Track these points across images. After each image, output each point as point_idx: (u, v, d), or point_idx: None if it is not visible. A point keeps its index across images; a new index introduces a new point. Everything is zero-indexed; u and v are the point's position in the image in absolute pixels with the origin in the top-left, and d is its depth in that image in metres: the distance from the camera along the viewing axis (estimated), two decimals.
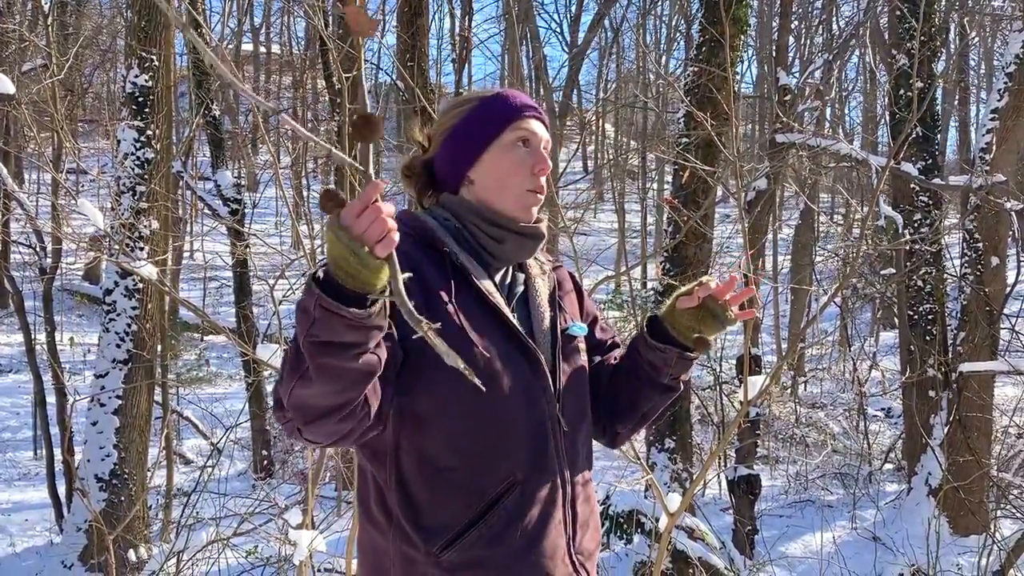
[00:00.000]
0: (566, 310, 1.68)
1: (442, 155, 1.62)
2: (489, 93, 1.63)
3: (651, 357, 1.65)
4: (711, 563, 5.26)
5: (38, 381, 8.20)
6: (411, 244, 1.50)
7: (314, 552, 3.04)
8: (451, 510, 1.46)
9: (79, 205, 3.11)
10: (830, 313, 14.52)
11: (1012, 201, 6.56)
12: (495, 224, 1.56)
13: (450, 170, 1.61)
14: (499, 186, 1.57)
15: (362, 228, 1.16)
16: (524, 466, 1.49)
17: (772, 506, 8.66)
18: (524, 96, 1.63)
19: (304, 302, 1.22)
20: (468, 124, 1.59)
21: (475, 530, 1.46)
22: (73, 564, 6.67)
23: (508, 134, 1.58)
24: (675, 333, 1.64)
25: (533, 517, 1.49)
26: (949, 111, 18.03)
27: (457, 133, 1.59)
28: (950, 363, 7.22)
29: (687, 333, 1.64)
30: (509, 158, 1.57)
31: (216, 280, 16.39)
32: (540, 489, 1.51)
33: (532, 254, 1.63)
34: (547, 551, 1.50)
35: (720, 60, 6.07)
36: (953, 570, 6.12)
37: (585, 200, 14.87)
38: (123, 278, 6.78)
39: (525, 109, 1.60)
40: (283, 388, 1.32)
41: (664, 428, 6.65)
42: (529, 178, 1.58)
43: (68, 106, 11.11)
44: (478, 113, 1.59)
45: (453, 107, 1.64)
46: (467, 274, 1.52)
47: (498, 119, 1.58)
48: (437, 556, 1.46)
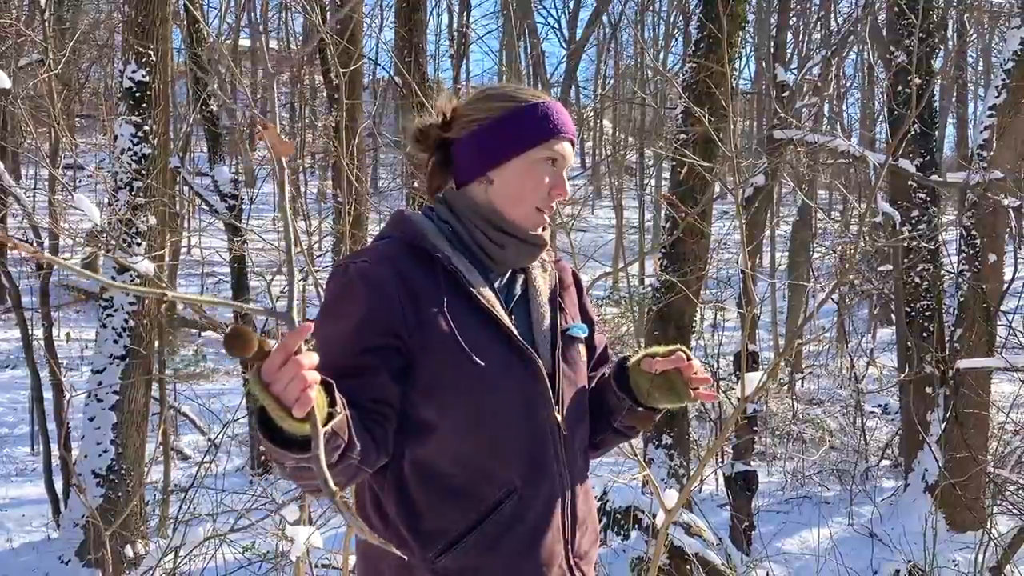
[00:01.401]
0: (567, 309, 1.66)
1: (468, 142, 1.58)
2: (535, 99, 1.58)
3: (610, 398, 1.65)
4: (708, 559, 5.26)
5: (35, 377, 8.19)
6: (401, 250, 1.50)
7: (311, 548, 3.04)
8: (448, 516, 1.46)
9: (76, 201, 3.11)
10: (827, 310, 14.53)
11: (1010, 198, 6.57)
12: (500, 229, 1.55)
13: (472, 160, 1.58)
14: (516, 196, 1.55)
15: (281, 386, 1.12)
16: (522, 473, 1.48)
17: (769, 502, 8.66)
18: (566, 116, 1.60)
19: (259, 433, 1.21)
20: (505, 124, 1.55)
21: (471, 536, 1.45)
22: (70, 560, 6.67)
23: (541, 150, 1.55)
24: (635, 387, 1.62)
25: (530, 524, 1.48)
26: (947, 108, 18.02)
27: (491, 128, 1.56)
28: (947, 360, 7.22)
29: (644, 393, 1.61)
30: (534, 174, 1.55)
31: (214, 276, 16.39)
32: (538, 496, 1.50)
33: (533, 260, 1.62)
34: (544, 558, 1.49)
35: (718, 56, 6.06)
36: (950, 566, 6.13)
37: (583, 196, 14.86)
38: (120, 273, 6.77)
39: (564, 130, 1.57)
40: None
41: (662, 424, 6.65)
42: (545, 198, 1.56)
43: (65, 101, 11.09)
44: (519, 117, 1.55)
45: (494, 99, 1.58)
46: (460, 280, 1.50)
47: (537, 132, 1.55)
48: (432, 562, 1.45)
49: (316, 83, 18.60)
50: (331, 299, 1.49)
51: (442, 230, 1.56)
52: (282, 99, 21.69)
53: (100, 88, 18.79)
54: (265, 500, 5.69)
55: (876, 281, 8.90)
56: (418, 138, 1.62)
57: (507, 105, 1.56)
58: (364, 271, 1.47)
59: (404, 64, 7.17)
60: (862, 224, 4.95)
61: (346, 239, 3.66)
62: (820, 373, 13.91)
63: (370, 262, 1.48)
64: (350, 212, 3.75)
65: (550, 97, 1.62)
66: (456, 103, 1.62)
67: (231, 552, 5.34)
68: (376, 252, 1.51)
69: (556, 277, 1.68)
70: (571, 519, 1.55)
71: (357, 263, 1.49)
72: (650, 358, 1.58)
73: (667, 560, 5.24)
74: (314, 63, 15.81)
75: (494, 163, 1.55)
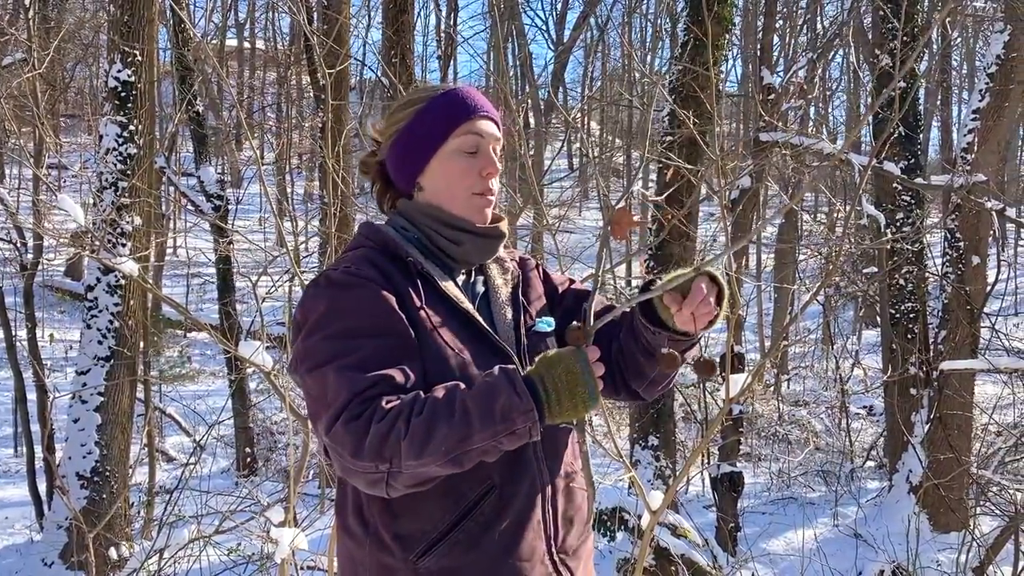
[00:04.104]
0: (531, 307, 1.66)
1: (391, 159, 1.61)
2: (435, 92, 1.58)
3: (647, 337, 1.57)
4: (694, 560, 5.28)
5: (18, 378, 8.14)
6: (377, 254, 1.51)
7: (296, 550, 3.03)
8: (429, 516, 1.45)
9: (60, 201, 3.09)
10: (813, 311, 14.59)
11: (993, 200, 6.61)
12: (451, 226, 1.55)
13: (400, 176, 1.60)
14: (448, 192, 1.56)
15: (597, 376, 1.38)
16: (500, 469, 1.47)
17: (755, 503, 8.70)
18: (472, 95, 1.58)
19: (512, 417, 1.33)
20: (412, 131, 1.56)
21: (452, 536, 1.45)
22: (54, 562, 6.63)
23: (454, 141, 1.55)
24: (665, 318, 1.53)
25: (510, 521, 1.48)
26: (931, 111, 18.14)
27: (403, 139, 1.57)
28: (931, 361, 7.27)
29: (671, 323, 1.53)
30: (455, 165, 1.55)
31: (199, 277, 16.31)
32: (517, 492, 1.49)
33: (493, 254, 1.62)
34: (524, 554, 1.49)
35: (704, 59, 6.08)
36: (933, 566, 6.16)
37: (570, 198, 14.88)
38: (105, 274, 6.73)
39: (472, 111, 1.56)
40: (413, 464, 1.32)
41: (648, 425, 6.67)
42: (477, 181, 1.56)
43: (50, 101, 11.02)
44: (422, 119, 1.56)
45: (400, 109, 1.60)
46: (432, 281, 1.51)
47: (442, 125, 1.55)
48: (415, 563, 1.45)
49: (303, 83, 18.56)
50: (328, 307, 1.44)
51: (407, 237, 1.57)
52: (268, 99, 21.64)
53: (85, 88, 18.69)
54: (250, 502, 5.68)
55: (861, 283, 8.94)
56: (363, 171, 1.66)
57: (409, 112, 1.57)
58: (352, 273, 1.47)
59: (391, 65, 7.16)
60: (847, 226, 4.98)
61: (332, 240, 3.65)
62: (805, 374, 13.97)
63: (353, 265, 1.48)
64: (336, 214, 3.74)
65: (455, 84, 1.63)
66: (381, 125, 1.64)
67: (216, 554, 5.32)
68: (355, 257, 1.51)
69: (519, 276, 1.67)
70: (552, 515, 1.53)
71: (340, 269, 1.48)
72: (671, 297, 1.49)
73: (653, 561, 5.25)
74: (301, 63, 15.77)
75: (417, 171, 1.57)
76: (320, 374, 1.39)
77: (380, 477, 1.34)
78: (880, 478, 9.03)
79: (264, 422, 10.84)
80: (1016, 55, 6.90)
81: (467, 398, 1.35)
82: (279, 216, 4.74)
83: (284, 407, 3.45)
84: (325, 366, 1.39)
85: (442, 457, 1.32)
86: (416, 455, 1.32)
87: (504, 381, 1.35)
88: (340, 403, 1.35)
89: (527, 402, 1.33)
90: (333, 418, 1.35)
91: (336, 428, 1.35)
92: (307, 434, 3.59)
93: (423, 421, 1.32)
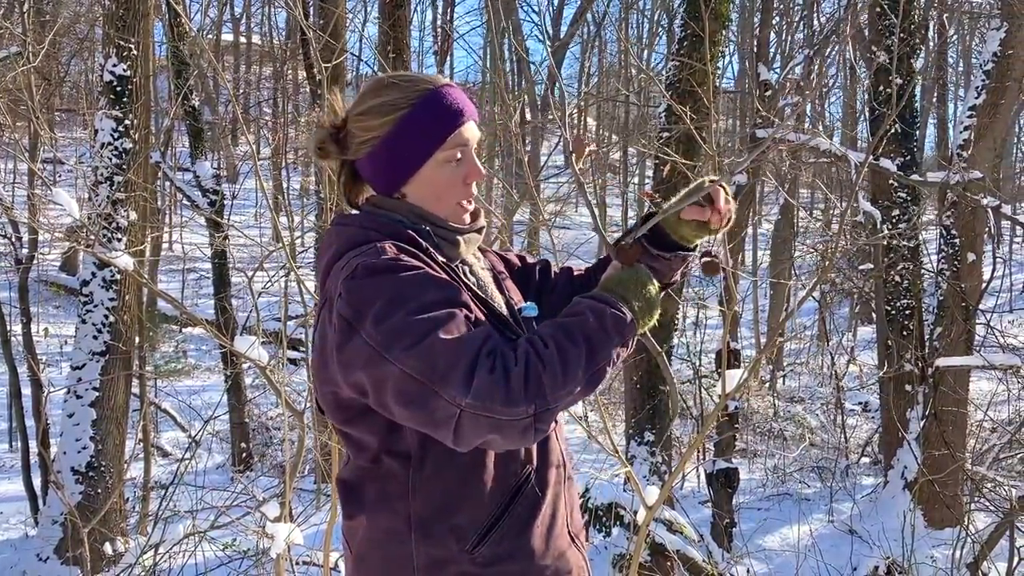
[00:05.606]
0: (512, 293, 1.68)
1: (369, 165, 1.56)
2: (421, 95, 1.52)
3: (658, 266, 1.69)
4: (689, 556, 5.28)
5: (13, 373, 8.13)
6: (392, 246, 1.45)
7: (292, 545, 3.03)
8: (480, 504, 1.46)
9: (55, 195, 3.08)
10: (808, 308, 14.59)
11: (988, 197, 6.62)
12: (442, 227, 1.55)
13: (379, 181, 1.57)
14: (434, 197, 1.54)
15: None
16: (536, 451, 1.53)
17: (750, 499, 8.71)
18: (459, 97, 1.54)
19: (623, 331, 1.43)
20: (396, 144, 1.51)
21: (504, 521, 1.47)
22: (48, 557, 6.62)
23: (444, 149, 1.51)
24: (676, 238, 1.68)
25: (547, 502, 1.53)
26: (928, 108, 18.14)
27: (384, 151, 1.53)
28: (926, 358, 7.28)
29: (688, 237, 1.68)
30: (444, 173, 1.53)
31: (195, 272, 16.29)
32: (549, 473, 1.54)
33: (478, 244, 1.64)
34: (558, 531, 1.54)
35: (701, 55, 6.07)
36: (927, 562, 6.18)
37: (566, 194, 14.87)
38: (100, 269, 6.72)
39: (462, 118, 1.53)
40: (562, 394, 1.34)
41: (643, 421, 6.68)
42: (461, 189, 1.55)
43: (45, 95, 10.99)
44: (412, 125, 1.50)
45: (378, 109, 1.53)
46: (454, 268, 1.51)
47: (430, 141, 1.51)
48: (471, 553, 1.45)
49: (300, 78, 18.51)
50: (394, 290, 1.37)
51: (418, 231, 1.53)
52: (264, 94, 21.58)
53: (80, 82, 18.64)
54: (246, 497, 5.69)
55: (857, 279, 8.96)
56: (321, 156, 1.58)
57: (389, 119, 1.51)
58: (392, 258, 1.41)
59: (387, 60, 7.14)
60: (843, 223, 4.98)
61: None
62: (801, 371, 13.99)
63: (387, 252, 1.42)
64: (332, 209, 3.73)
65: (438, 80, 1.56)
66: (344, 114, 1.57)
67: (211, 549, 5.32)
68: (379, 249, 1.44)
69: (491, 265, 1.70)
70: (567, 494, 1.60)
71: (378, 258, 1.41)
72: (696, 208, 1.64)
73: (648, 557, 5.26)
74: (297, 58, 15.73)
75: (401, 181, 1.54)
76: (424, 348, 1.32)
77: (529, 422, 1.32)
78: (875, 474, 9.05)
79: (260, 417, 10.83)
80: (1012, 52, 6.90)
81: (577, 325, 1.40)
82: (275, 211, 4.73)
83: (280, 402, 3.45)
84: (427, 337, 1.32)
85: (582, 380, 1.35)
86: (561, 385, 1.33)
87: (600, 303, 1.43)
88: (467, 363, 1.30)
89: (629, 315, 1.44)
90: (467, 377, 1.30)
91: (476, 384, 1.29)
92: (303, 429, 3.59)
93: (552, 353, 1.34)
